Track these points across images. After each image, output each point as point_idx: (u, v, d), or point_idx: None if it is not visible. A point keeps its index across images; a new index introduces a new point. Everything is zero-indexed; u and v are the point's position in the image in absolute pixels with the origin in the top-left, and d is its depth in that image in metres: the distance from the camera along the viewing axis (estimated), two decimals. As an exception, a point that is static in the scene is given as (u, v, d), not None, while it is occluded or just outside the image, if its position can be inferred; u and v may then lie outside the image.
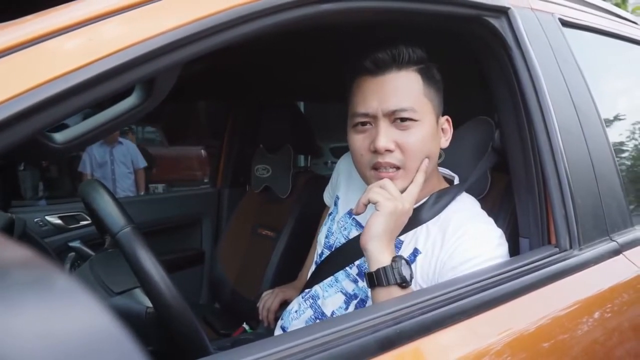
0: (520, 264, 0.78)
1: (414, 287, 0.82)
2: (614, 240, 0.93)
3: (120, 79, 0.50)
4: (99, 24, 0.51)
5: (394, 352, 0.58)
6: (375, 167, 0.84)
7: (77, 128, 0.56)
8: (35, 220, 1.75)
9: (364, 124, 0.85)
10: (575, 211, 0.85)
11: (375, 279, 0.77)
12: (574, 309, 0.79)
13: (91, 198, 0.74)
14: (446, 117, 0.91)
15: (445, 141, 0.91)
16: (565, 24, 1.05)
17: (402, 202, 0.81)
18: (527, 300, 0.74)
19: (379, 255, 0.77)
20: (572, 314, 0.78)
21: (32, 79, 0.45)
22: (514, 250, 0.89)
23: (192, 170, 5.90)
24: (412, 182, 0.84)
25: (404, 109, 0.82)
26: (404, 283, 0.75)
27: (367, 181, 0.88)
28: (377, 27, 1.01)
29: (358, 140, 0.86)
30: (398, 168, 0.84)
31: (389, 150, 0.82)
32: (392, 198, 0.80)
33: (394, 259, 0.77)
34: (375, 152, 0.83)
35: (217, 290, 1.89)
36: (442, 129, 0.90)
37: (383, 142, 0.81)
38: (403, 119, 0.82)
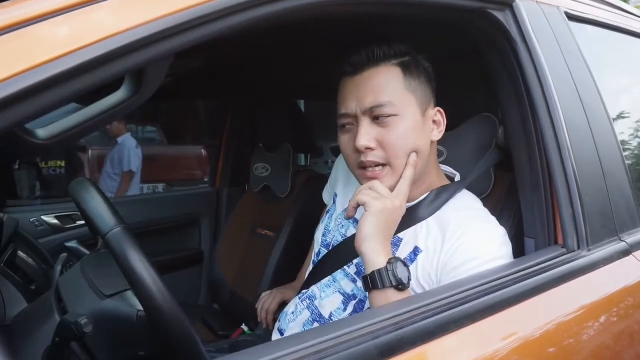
0: (527, 265, 0.75)
1: (415, 287, 0.79)
2: (623, 241, 0.90)
3: (107, 69, 0.47)
4: (84, 10, 0.48)
5: (395, 359, 0.55)
6: (362, 167, 0.84)
7: (62, 123, 0.53)
8: (31, 220, 1.72)
9: (347, 124, 0.86)
10: (583, 210, 0.83)
11: (370, 282, 0.75)
12: (583, 312, 0.77)
13: (80, 197, 0.71)
14: (437, 108, 0.88)
15: (438, 133, 0.88)
16: (572, 17, 1.02)
17: (392, 199, 0.79)
18: (534, 303, 0.72)
19: (374, 257, 0.76)
20: (580, 318, 0.76)
21: (10, 67, 0.42)
22: (519, 250, 0.87)
23: (192, 170, 5.87)
24: (401, 177, 0.82)
25: (380, 104, 0.81)
26: (400, 286, 0.73)
27: (358, 180, 0.88)
28: (377, 22, 0.99)
29: (344, 141, 0.87)
30: (384, 166, 0.83)
31: (370, 149, 0.82)
32: (379, 197, 0.79)
33: (389, 261, 0.75)
34: (358, 151, 0.82)
35: (215, 291, 1.87)
36: (435, 121, 0.88)
37: (362, 141, 0.81)
38: (383, 116, 0.82)
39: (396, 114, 0.81)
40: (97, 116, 0.55)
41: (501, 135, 0.95)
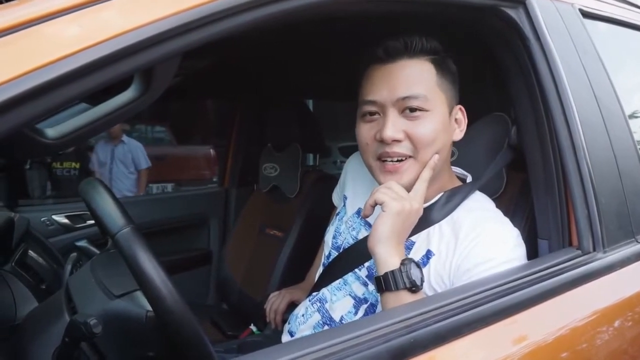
0: (541, 267, 0.74)
1: (427, 291, 0.78)
2: (639, 242, 0.88)
3: (115, 68, 0.47)
4: (92, 9, 0.48)
5: (407, 362, 0.54)
6: (381, 158, 0.81)
7: (71, 123, 0.53)
8: (42, 219, 1.74)
9: (372, 113, 0.82)
10: (598, 211, 0.81)
11: (383, 283, 0.74)
12: (598, 316, 0.75)
13: (90, 197, 0.71)
14: (459, 106, 0.87)
15: (459, 132, 0.87)
16: (586, 14, 1.01)
17: (410, 201, 0.77)
18: (548, 306, 0.70)
19: (387, 258, 0.74)
20: (596, 322, 0.74)
21: (18, 66, 0.41)
22: (532, 252, 0.85)
23: (200, 170, 5.90)
24: (418, 178, 0.80)
25: (415, 96, 0.79)
26: (413, 287, 0.72)
27: (372, 172, 0.85)
28: (389, 20, 0.98)
29: (364, 130, 0.83)
30: (407, 158, 0.80)
31: (396, 141, 0.79)
32: (398, 198, 0.77)
33: (403, 262, 0.73)
34: (382, 141, 0.80)
35: (224, 291, 1.87)
36: (456, 120, 0.86)
37: (390, 131, 0.78)
38: (413, 109, 0.79)
39: (428, 109, 0.79)
40: (106, 115, 0.55)
41: (514, 135, 0.94)
